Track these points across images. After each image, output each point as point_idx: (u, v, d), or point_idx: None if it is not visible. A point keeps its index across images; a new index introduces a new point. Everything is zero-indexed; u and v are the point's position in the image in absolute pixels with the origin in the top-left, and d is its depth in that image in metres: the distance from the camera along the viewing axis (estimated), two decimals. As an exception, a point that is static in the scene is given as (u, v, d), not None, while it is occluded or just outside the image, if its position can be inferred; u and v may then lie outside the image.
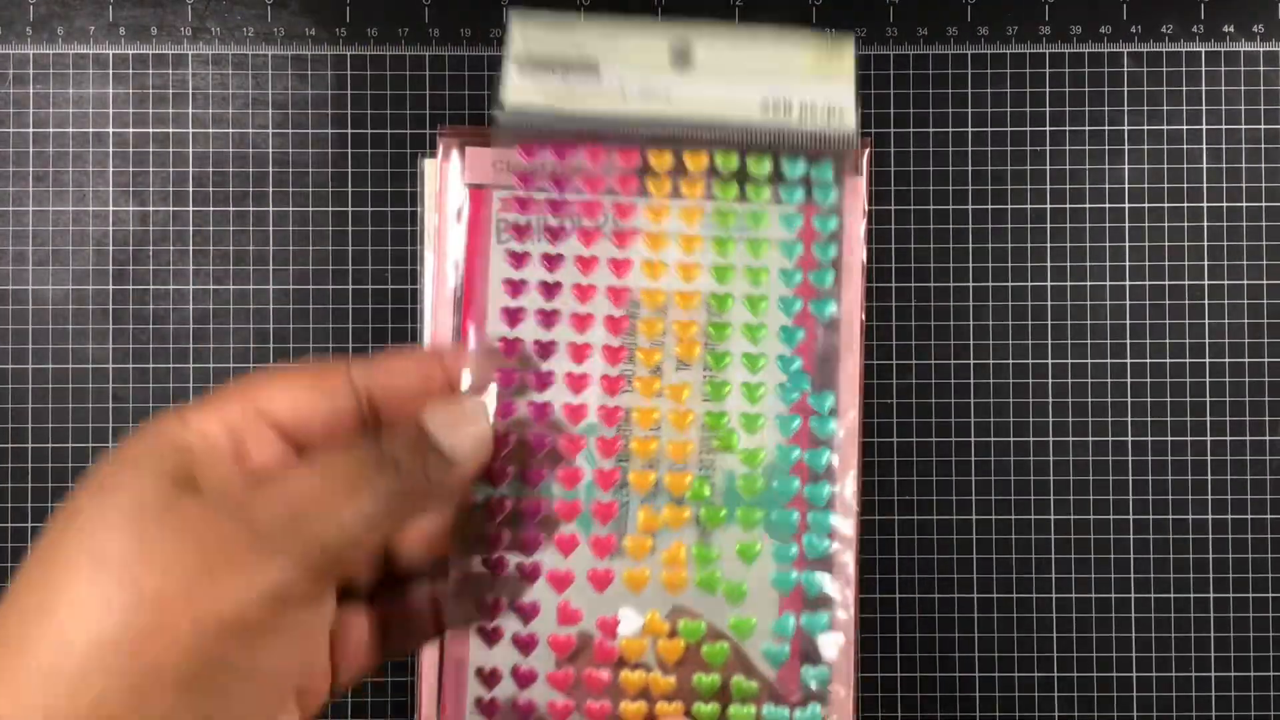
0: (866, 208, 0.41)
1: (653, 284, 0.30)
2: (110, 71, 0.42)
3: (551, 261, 0.31)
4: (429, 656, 0.32)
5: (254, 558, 0.22)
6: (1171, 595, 0.41)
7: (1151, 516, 0.41)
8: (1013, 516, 0.41)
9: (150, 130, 0.42)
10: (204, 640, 0.21)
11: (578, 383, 0.30)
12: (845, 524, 0.32)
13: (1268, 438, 0.41)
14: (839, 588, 0.30)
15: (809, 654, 0.29)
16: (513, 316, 0.30)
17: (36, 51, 0.42)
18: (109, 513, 0.22)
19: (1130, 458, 0.41)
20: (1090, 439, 0.41)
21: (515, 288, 0.31)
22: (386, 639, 0.28)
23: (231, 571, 0.22)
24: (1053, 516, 0.41)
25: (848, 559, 0.32)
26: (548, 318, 0.30)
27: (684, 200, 0.30)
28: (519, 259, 0.31)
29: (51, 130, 0.41)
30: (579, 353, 0.30)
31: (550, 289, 0.30)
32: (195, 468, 0.24)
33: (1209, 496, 0.41)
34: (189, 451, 0.24)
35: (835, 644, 0.29)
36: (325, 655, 0.26)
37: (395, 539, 0.28)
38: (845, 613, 0.30)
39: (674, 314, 0.30)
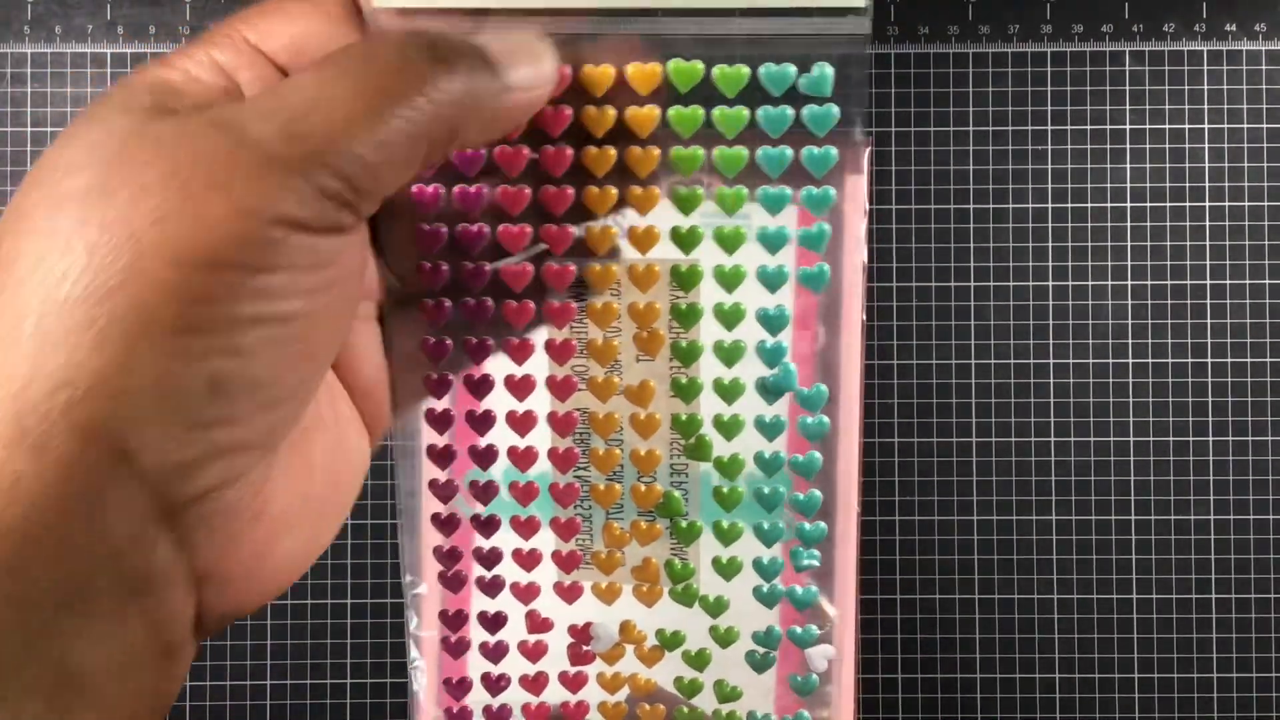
0: (866, 208, 0.41)
1: (602, 260, 0.24)
2: (108, 70, 0.41)
3: (468, 239, 0.24)
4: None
5: (246, 175, 0.18)
6: (1172, 596, 0.41)
7: (1152, 517, 0.41)
8: (1013, 517, 0.41)
9: (148, 129, 0.41)
10: (191, 277, 0.17)
11: (520, 387, 0.25)
12: (842, 530, 0.31)
13: (1269, 438, 0.41)
14: (831, 598, 0.28)
15: (798, 666, 0.27)
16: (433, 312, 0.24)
17: (34, 50, 0.41)
18: (72, 150, 0.18)
19: (1130, 458, 0.41)
20: (1090, 439, 0.41)
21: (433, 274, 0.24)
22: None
23: (218, 195, 0.18)
24: (1054, 517, 0.41)
25: (842, 567, 0.31)
26: (475, 312, 0.24)
27: (631, 143, 0.23)
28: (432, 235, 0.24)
29: (49, 129, 0.41)
30: (520, 351, 0.24)
31: (473, 274, 0.24)
32: (175, 98, 0.19)
33: (1209, 497, 0.41)
34: (169, 85, 0.20)
35: (825, 656, 0.27)
36: (368, 312, 0.22)
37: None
38: (838, 623, 0.28)
39: (630, 295, 0.24)
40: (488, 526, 0.26)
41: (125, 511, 0.17)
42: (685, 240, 0.24)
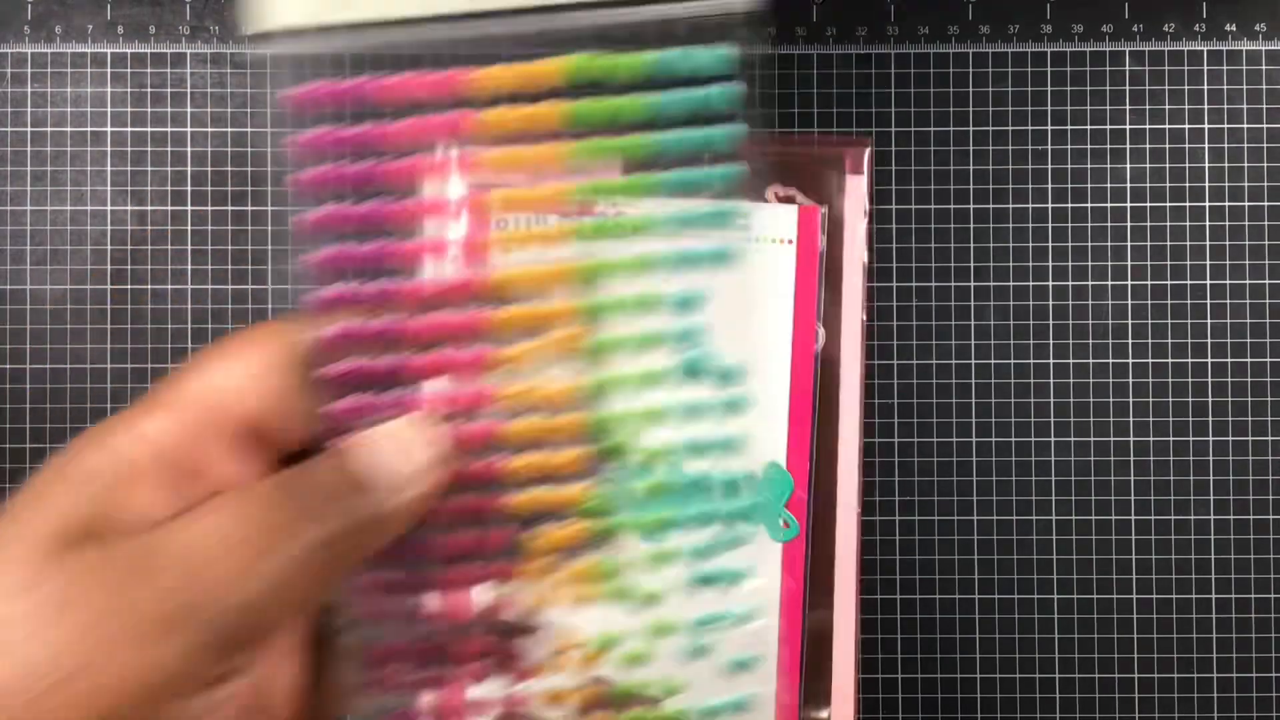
0: (868, 208, 0.41)
1: (506, 262, 0.23)
2: (108, 70, 0.41)
3: (368, 257, 0.23)
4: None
5: (142, 635, 0.19)
6: (1172, 596, 0.41)
7: (1152, 517, 0.41)
8: (1013, 517, 0.41)
9: (149, 130, 0.41)
10: (92, 713, 0.18)
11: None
12: (843, 530, 0.32)
13: (1268, 438, 0.41)
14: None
15: (737, 649, 0.27)
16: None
17: (34, 50, 0.41)
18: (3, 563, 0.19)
19: (1130, 458, 0.41)
20: (1091, 439, 0.41)
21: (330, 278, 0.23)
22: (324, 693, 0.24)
23: (121, 647, 0.19)
24: (1053, 517, 0.41)
25: (842, 567, 0.32)
26: (377, 335, 0.23)
27: (532, 140, 0.22)
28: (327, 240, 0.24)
29: (49, 129, 0.41)
30: (425, 369, 0.23)
31: (375, 292, 0.23)
32: (111, 503, 0.20)
33: (1209, 496, 0.41)
34: (106, 483, 0.21)
35: (760, 633, 0.27)
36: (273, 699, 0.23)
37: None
38: (772, 596, 0.29)
39: (532, 297, 0.24)
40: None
41: None
42: (587, 231, 0.23)
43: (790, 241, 0.39)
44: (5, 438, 0.41)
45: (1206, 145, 0.41)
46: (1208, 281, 0.41)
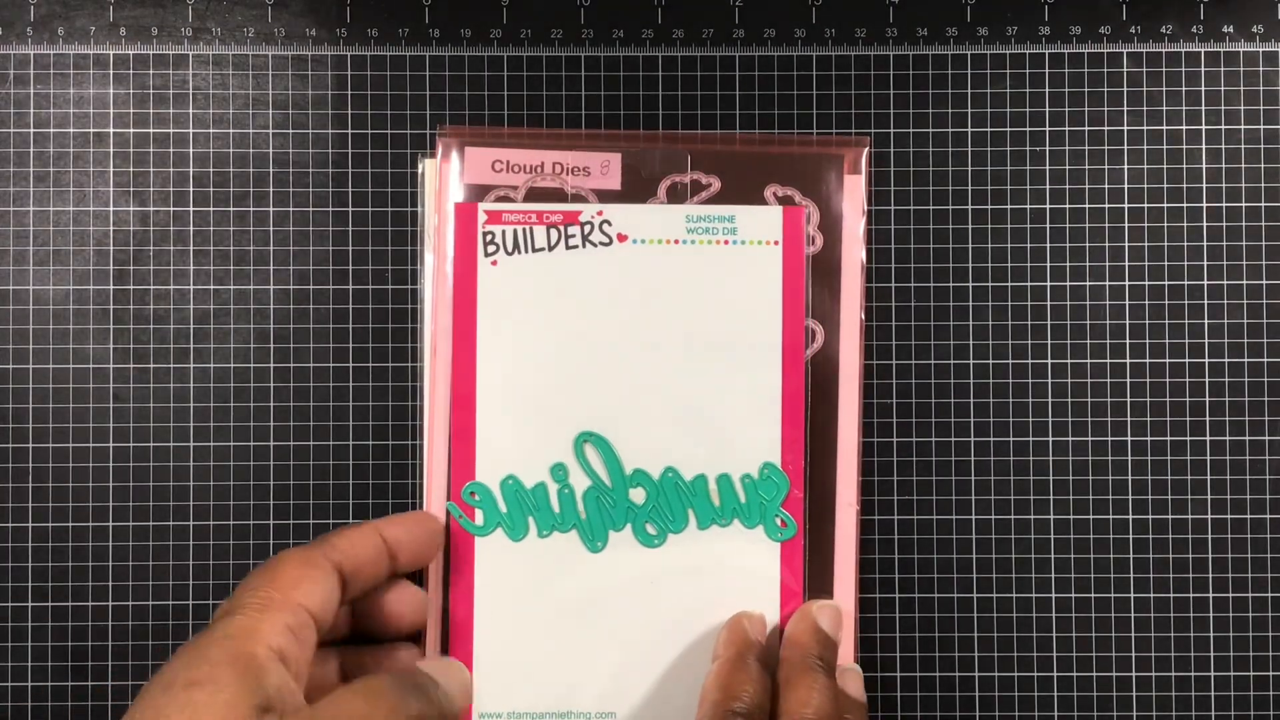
0: (866, 208, 0.41)
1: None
2: (111, 72, 0.42)
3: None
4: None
5: None
6: (1171, 595, 0.41)
7: (1151, 516, 0.41)
8: (1013, 516, 0.41)
9: (151, 130, 0.42)
10: None
11: None
12: (843, 530, 0.34)
13: (1266, 437, 0.41)
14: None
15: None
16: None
17: (37, 52, 0.42)
18: None
19: (1130, 458, 0.41)
20: (1090, 439, 0.41)
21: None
22: None
23: None
24: (1053, 516, 0.41)
25: (842, 567, 0.34)
26: None
27: None
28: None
29: (52, 130, 0.41)
30: None
31: None
32: (264, 684, 0.29)
33: (1209, 496, 0.41)
34: (258, 667, 0.29)
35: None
36: None
37: None
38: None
39: None
40: None
41: None
42: None
43: (776, 243, 0.39)
44: (6, 437, 0.41)
45: (1204, 146, 0.41)
46: (1205, 282, 0.41)
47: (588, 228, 0.39)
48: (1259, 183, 0.41)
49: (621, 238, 0.39)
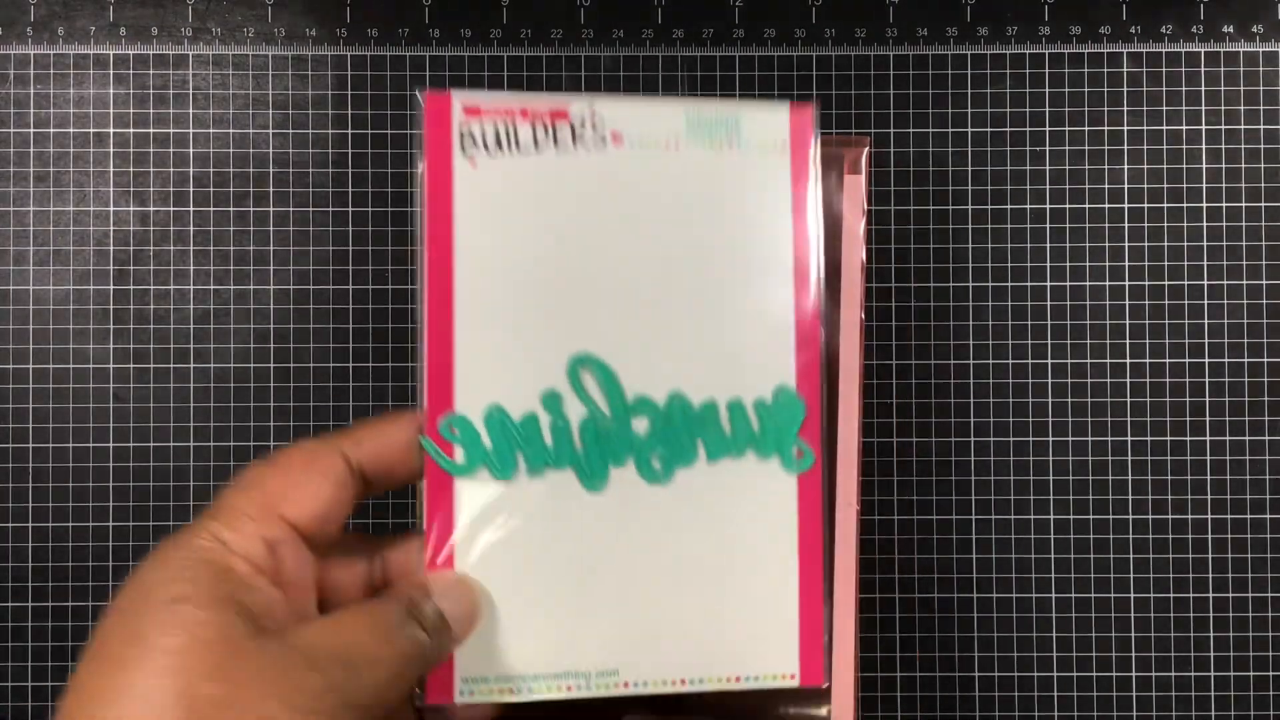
0: (866, 207, 0.41)
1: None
2: (111, 72, 0.42)
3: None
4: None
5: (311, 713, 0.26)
6: (1171, 595, 0.41)
7: (1151, 516, 0.41)
8: (1013, 516, 0.41)
9: (151, 130, 0.42)
10: None
11: None
12: (843, 528, 0.33)
13: (1266, 438, 0.41)
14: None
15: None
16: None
17: (37, 52, 0.42)
18: (188, 656, 0.25)
19: (1130, 458, 0.41)
20: (1090, 439, 0.41)
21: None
22: None
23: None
24: (1052, 516, 0.41)
25: (842, 568, 0.33)
26: None
27: None
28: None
29: (52, 130, 0.41)
30: None
31: None
32: (250, 600, 0.27)
33: (1209, 496, 0.41)
34: (240, 582, 0.27)
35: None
36: None
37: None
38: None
39: None
40: None
41: None
42: None
43: (784, 146, 0.35)
44: (6, 437, 0.41)
45: (1204, 146, 0.41)
46: (1205, 282, 0.41)
47: (578, 125, 0.35)
48: (1259, 183, 0.41)
49: (616, 139, 0.35)
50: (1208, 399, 0.41)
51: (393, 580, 0.32)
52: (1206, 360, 0.41)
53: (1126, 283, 0.41)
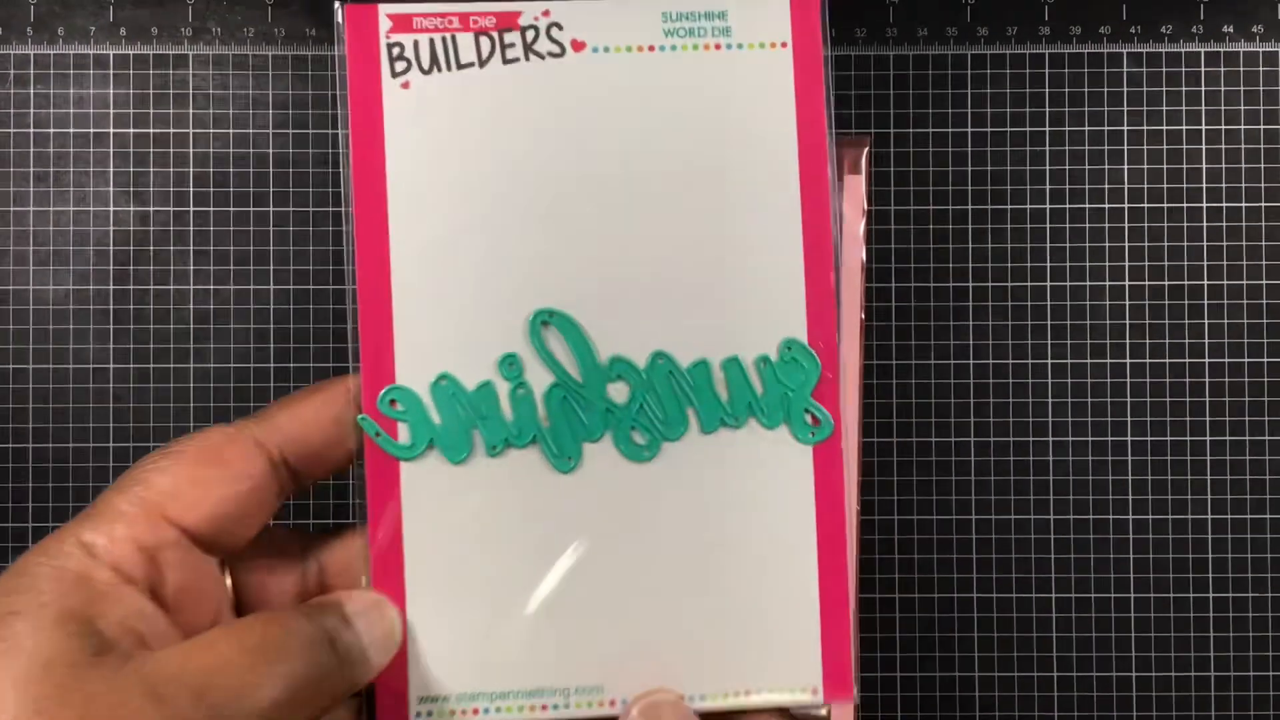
0: (866, 207, 0.41)
1: None
2: (110, 72, 0.42)
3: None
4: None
5: None
6: (1171, 595, 0.41)
7: (1151, 516, 0.41)
8: (1013, 516, 0.41)
9: (151, 131, 0.42)
10: None
11: None
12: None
13: (1266, 438, 0.41)
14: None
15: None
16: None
17: (37, 52, 0.42)
18: (13, 682, 0.21)
19: (1130, 458, 0.41)
20: (1090, 439, 0.41)
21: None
22: None
23: None
24: (1052, 516, 0.41)
25: (843, 567, 0.31)
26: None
27: None
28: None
29: (52, 130, 0.41)
30: None
31: None
32: (103, 617, 0.23)
33: (1209, 496, 0.41)
34: (97, 595, 0.23)
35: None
36: None
37: None
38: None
39: None
40: None
41: None
42: None
43: (785, 45, 0.29)
44: (6, 437, 0.41)
45: (1204, 146, 0.41)
46: (1205, 282, 0.41)
47: (530, 33, 0.29)
48: (1259, 183, 0.41)
49: (577, 45, 0.29)
50: (1208, 399, 0.41)
51: (330, 586, 0.28)
52: (1206, 360, 0.41)
53: (1127, 283, 0.41)
